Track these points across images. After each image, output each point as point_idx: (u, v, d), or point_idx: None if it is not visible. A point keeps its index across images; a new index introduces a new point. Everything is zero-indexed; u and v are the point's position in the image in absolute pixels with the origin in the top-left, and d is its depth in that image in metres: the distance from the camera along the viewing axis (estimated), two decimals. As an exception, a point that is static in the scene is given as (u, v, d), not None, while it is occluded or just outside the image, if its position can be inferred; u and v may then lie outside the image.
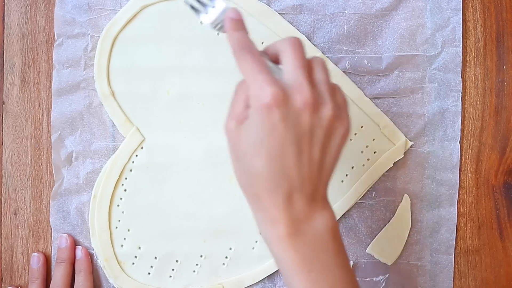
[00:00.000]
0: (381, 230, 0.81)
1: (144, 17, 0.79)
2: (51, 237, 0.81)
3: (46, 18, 0.80)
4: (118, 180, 0.80)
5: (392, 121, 0.80)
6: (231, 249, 0.81)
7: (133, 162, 0.80)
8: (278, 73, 0.61)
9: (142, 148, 0.80)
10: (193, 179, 0.80)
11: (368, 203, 0.81)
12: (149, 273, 0.81)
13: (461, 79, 0.80)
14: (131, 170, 0.80)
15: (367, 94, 0.80)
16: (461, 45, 0.80)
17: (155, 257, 0.81)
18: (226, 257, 0.81)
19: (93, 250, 0.81)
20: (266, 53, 0.64)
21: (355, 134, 0.80)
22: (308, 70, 0.60)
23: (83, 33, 0.79)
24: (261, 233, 0.61)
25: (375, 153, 0.80)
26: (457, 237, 0.81)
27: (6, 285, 0.82)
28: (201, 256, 0.81)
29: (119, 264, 0.80)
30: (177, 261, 0.81)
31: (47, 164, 0.81)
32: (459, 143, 0.80)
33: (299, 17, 0.79)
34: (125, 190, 0.80)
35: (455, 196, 0.81)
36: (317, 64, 0.62)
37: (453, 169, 0.80)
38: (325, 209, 0.61)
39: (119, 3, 0.79)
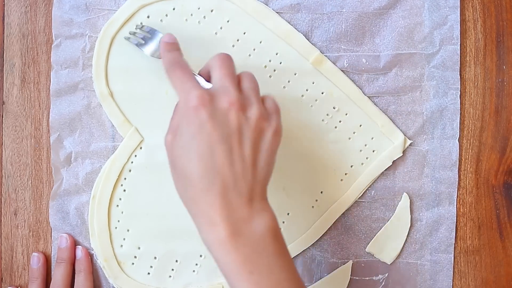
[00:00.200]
0: (380, 229, 0.81)
1: (142, 17, 0.79)
2: (51, 237, 0.81)
3: (46, 18, 0.81)
4: (117, 180, 0.80)
5: (390, 119, 0.80)
6: (230, 248, 0.81)
7: (132, 162, 0.80)
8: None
9: (141, 148, 0.80)
10: (192, 179, 0.80)
11: (367, 202, 0.81)
12: (149, 273, 0.81)
13: (459, 77, 0.80)
14: (130, 170, 0.80)
15: (365, 92, 0.80)
16: (459, 43, 0.80)
17: (155, 257, 0.81)
18: (225, 257, 0.81)
19: (93, 250, 0.81)
20: (200, 73, 0.69)
21: (354, 133, 0.80)
22: (235, 78, 0.64)
23: (81, 34, 0.79)
24: (201, 237, 0.62)
25: (374, 151, 0.80)
26: (457, 237, 0.81)
27: (6, 285, 0.82)
28: (201, 256, 0.81)
29: (118, 264, 0.80)
30: (176, 261, 0.81)
31: (47, 164, 0.81)
32: (458, 141, 0.80)
33: (297, 16, 0.80)
34: (124, 190, 0.80)
35: (454, 194, 0.80)
36: (246, 76, 0.66)
37: (452, 167, 0.80)
38: (265, 210, 0.62)
39: (117, 3, 0.79)
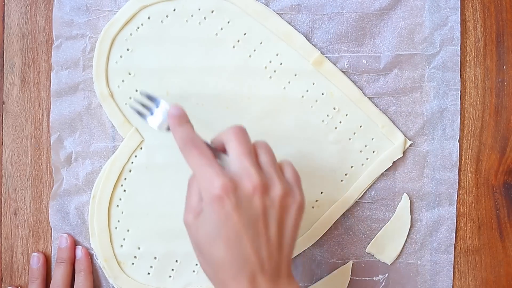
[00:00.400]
0: (380, 229, 0.81)
1: (142, 18, 0.79)
2: (51, 237, 0.81)
3: (46, 18, 0.81)
4: (117, 180, 0.80)
5: (391, 120, 0.80)
6: (230, 249, 0.81)
7: (132, 162, 0.80)
8: (226, 161, 0.64)
9: (141, 148, 0.80)
10: (193, 179, 0.80)
11: (367, 203, 0.81)
12: (149, 273, 0.81)
13: (460, 78, 0.80)
14: (130, 170, 0.80)
15: (366, 93, 0.80)
16: (460, 44, 0.80)
17: (155, 257, 0.81)
18: (225, 257, 0.81)
19: (93, 250, 0.81)
20: (213, 143, 0.68)
21: (354, 133, 0.80)
22: (253, 155, 0.64)
23: (81, 35, 0.79)
24: None
25: (374, 152, 0.80)
26: (457, 237, 0.81)
27: (6, 285, 0.82)
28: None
29: (118, 264, 0.80)
30: (176, 261, 0.81)
31: (47, 164, 0.81)
32: (459, 142, 0.80)
33: (298, 17, 0.80)
34: (125, 190, 0.80)
35: (455, 195, 0.80)
36: (261, 147, 0.66)
37: (452, 168, 0.80)
38: (290, 285, 0.63)
39: (118, 4, 0.79)
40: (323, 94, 0.80)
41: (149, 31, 0.79)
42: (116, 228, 0.80)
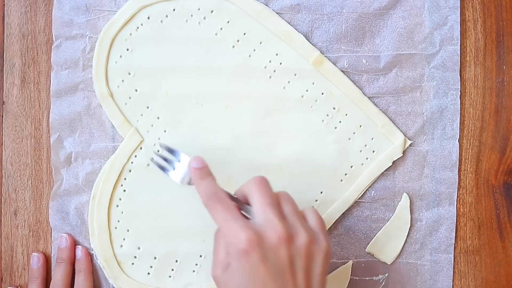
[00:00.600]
0: (380, 229, 0.81)
1: (142, 18, 0.79)
2: (51, 237, 0.81)
3: (46, 18, 0.81)
4: (117, 180, 0.80)
5: (390, 120, 0.80)
6: (230, 249, 0.81)
7: (132, 162, 0.80)
8: (250, 212, 0.65)
9: (141, 148, 0.80)
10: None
11: (367, 202, 0.81)
12: (149, 273, 0.81)
13: (459, 77, 0.80)
14: (130, 170, 0.80)
15: (365, 93, 0.80)
16: (459, 43, 0.80)
17: (155, 257, 0.81)
18: (225, 257, 0.81)
19: (93, 250, 0.81)
20: (236, 195, 0.68)
21: (354, 133, 0.80)
22: (276, 205, 0.64)
23: (81, 34, 0.79)
24: None
25: (374, 152, 0.80)
26: (457, 237, 0.81)
27: (6, 285, 0.82)
28: (201, 256, 0.81)
29: (118, 264, 0.80)
30: (176, 261, 0.81)
31: (47, 164, 0.81)
32: (458, 141, 0.80)
33: (297, 16, 0.80)
34: (124, 190, 0.80)
35: (454, 194, 0.80)
36: (283, 197, 0.66)
37: (452, 168, 0.80)
38: None
39: (117, 4, 0.79)
40: (322, 93, 0.80)
41: (148, 31, 0.79)
42: (116, 228, 0.80)
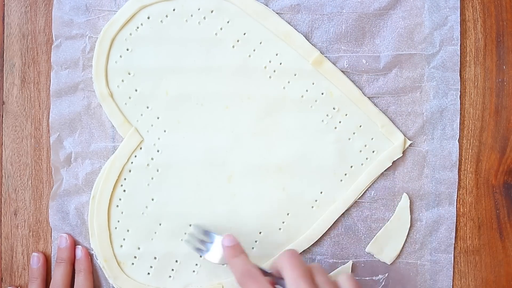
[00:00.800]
0: (380, 229, 0.81)
1: (142, 17, 0.79)
2: (51, 237, 0.81)
3: (46, 18, 0.81)
4: (117, 180, 0.80)
5: (390, 120, 0.80)
6: (230, 249, 0.81)
7: (132, 162, 0.80)
8: (284, 286, 0.65)
9: (141, 148, 0.80)
10: (192, 179, 0.80)
11: (367, 203, 0.81)
12: (149, 273, 0.81)
13: (459, 78, 0.80)
14: (130, 170, 0.80)
15: (365, 93, 0.80)
16: (459, 44, 0.80)
17: (155, 257, 0.81)
18: (225, 257, 0.81)
19: (93, 250, 0.81)
20: (271, 270, 0.69)
21: (354, 133, 0.80)
22: (308, 277, 0.64)
23: (81, 34, 0.80)
24: None
25: (373, 152, 0.80)
26: (457, 237, 0.81)
27: (6, 285, 0.82)
28: (201, 256, 0.81)
29: (118, 264, 0.80)
30: (176, 261, 0.81)
31: (47, 164, 0.81)
32: (458, 142, 0.80)
33: (297, 16, 0.80)
34: (124, 190, 0.80)
35: (454, 194, 0.80)
36: (315, 269, 0.66)
37: (452, 168, 0.80)
38: None
39: (117, 4, 0.79)
40: (322, 94, 0.80)
41: (148, 31, 0.79)
42: (116, 228, 0.80)
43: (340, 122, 0.80)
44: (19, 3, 0.81)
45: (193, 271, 0.81)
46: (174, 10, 0.79)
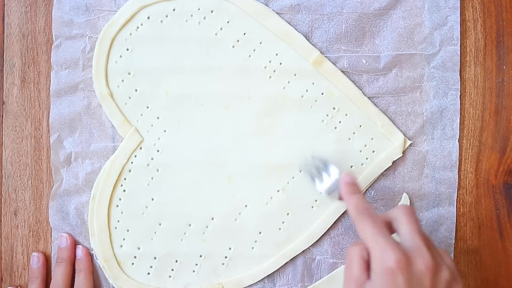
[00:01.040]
0: (380, 229, 0.81)
1: (142, 17, 0.79)
2: (51, 237, 0.81)
3: (46, 18, 0.81)
4: (117, 180, 0.80)
5: (390, 120, 0.80)
6: (230, 249, 0.81)
7: (132, 162, 0.80)
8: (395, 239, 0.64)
9: (141, 148, 0.80)
10: (192, 179, 0.80)
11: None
12: (149, 273, 0.81)
13: (459, 78, 0.80)
14: (130, 170, 0.80)
15: (365, 93, 0.80)
16: (459, 44, 0.80)
17: (155, 257, 0.81)
18: (225, 257, 0.81)
19: (93, 250, 0.81)
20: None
21: (354, 133, 0.80)
22: (425, 237, 0.63)
23: (81, 34, 0.80)
24: None
25: (373, 152, 0.80)
26: (457, 237, 0.81)
27: (6, 285, 0.82)
28: (201, 256, 0.81)
29: (118, 264, 0.80)
30: (176, 261, 0.81)
31: (47, 164, 0.81)
32: (458, 142, 0.80)
33: (297, 16, 0.80)
34: (124, 190, 0.80)
35: (454, 195, 0.80)
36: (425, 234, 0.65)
37: (452, 168, 0.80)
38: None
39: (117, 4, 0.79)
40: (322, 94, 0.80)
41: (148, 31, 0.79)
42: (116, 228, 0.80)
43: (340, 122, 0.80)
44: (19, 3, 0.81)
45: (193, 271, 0.81)
46: (174, 10, 0.79)
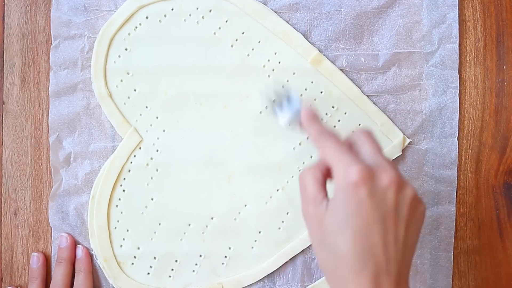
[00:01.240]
0: (379, 228, 0.81)
1: (140, 17, 0.79)
2: (51, 237, 0.81)
3: (46, 18, 0.81)
4: (116, 180, 0.80)
5: (389, 118, 0.80)
6: (230, 248, 0.81)
7: (131, 162, 0.80)
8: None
9: (140, 148, 0.80)
10: (192, 179, 0.80)
11: (366, 202, 0.81)
12: (149, 273, 0.81)
13: (458, 76, 0.80)
14: (129, 170, 0.80)
15: (364, 91, 0.80)
16: (458, 42, 0.80)
17: (154, 257, 0.81)
18: (225, 257, 0.81)
19: (92, 250, 0.81)
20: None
21: (353, 132, 0.80)
22: (386, 156, 0.62)
23: (79, 35, 0.80)
24: None
25: (373, 151, 0.80)
26: (457, 237, 0.81)
27: (6, 285, 0.82)
28: (201, 255, 0.81)
29: (118, 264, 0.80)
30: (176, 261, 0.81)
31: (47, 164, 0.81)
32: (458, 140, 0.80)
33: (296, 15, 0.80)
34: (124, 190, 0.80)
35: (454, 193, 0.80)
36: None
37: (451, 166, 0.80)
38: None
39: (116, 4, 0.80)
40: (321, 92, 0.80)
41: (147, 31, 0.79)
42: (115, 228, 0.80)
43: (339, 120, 0.80)
44: (19, 3, 0.81)
45: (193, 271, 0.81)
46: (172, 9, 0.79)
